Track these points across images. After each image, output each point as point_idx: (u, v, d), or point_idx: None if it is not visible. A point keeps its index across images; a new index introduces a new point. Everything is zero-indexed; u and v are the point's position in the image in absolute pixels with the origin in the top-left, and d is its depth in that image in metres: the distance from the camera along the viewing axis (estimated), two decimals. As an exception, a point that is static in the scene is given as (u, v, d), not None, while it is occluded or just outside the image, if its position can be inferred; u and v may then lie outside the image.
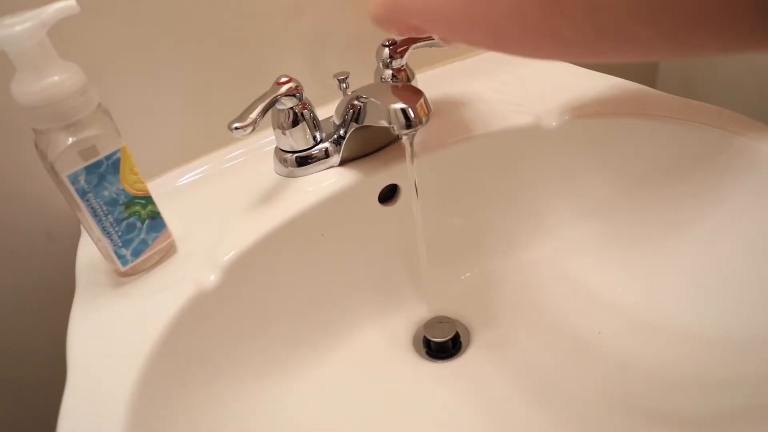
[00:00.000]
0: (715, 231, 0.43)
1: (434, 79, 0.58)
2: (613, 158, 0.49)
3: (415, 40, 0.48)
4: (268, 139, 0.52)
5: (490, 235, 0.53)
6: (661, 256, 0.46)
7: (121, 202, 0.38)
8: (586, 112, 0.49)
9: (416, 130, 0.40)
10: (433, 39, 0.47)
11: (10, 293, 0.51)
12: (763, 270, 0.40)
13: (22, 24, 0.31)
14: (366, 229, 0.48)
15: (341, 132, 0.46)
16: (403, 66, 0.49)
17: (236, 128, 0.39)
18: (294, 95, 0.44)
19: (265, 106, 0.42)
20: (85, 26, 0.43)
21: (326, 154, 0.47)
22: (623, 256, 0.48)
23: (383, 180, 0.47)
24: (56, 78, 0.33)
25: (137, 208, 0.39)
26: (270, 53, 0.51)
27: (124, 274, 0.40)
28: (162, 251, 0.41)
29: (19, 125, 0.43)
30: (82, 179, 0.35)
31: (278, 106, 0.44)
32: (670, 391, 0.40)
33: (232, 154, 0.52)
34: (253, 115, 0.40)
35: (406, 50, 0.48)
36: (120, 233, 0.38)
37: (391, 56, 0.48)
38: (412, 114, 0.39)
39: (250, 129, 0.39)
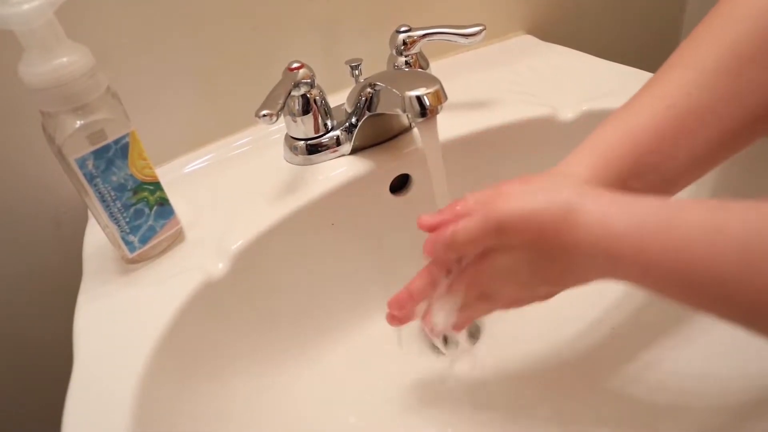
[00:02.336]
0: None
1: (448, 68, 0.57)
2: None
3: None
4: (276, 127, 0.51)
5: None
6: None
7: (129, 187, 0.37)
8: (602, 103, 0.48)
9: (431, 119, 0.39)
10: (449, 33, 0.46)
11: (17, 279, 0.50)
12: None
13: (30, 2, 0.30)
14: (376, 220, 0.47)
15: (353, 120, 0.45)
16: (417, 54, 0.48)
17: (264, 115, 0.37)
18: (306, 81, 0.43)
19: (288, 93, 0.41)
20: (94, 8, 0.42)
21: (337, 143, 0.46)
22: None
23: (395, 169, 0.47)
24: (65, 59, 0.32)
25: (145, 194, 0.38)
26: (281, 38, 0.51)
27: (132, 261, 0.40)
28: (170, 238, 0.41)
29: (26, 109, 0.43)
30: (90, 163, 0.35)
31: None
32: (682, 389, 0.39)
33: (240, 142, 0.52)
34: (281, 102, 0.39)
35: (420, 38, 0.47)
36: (128, 219, 0.38)
37: (405, 43, 0.47)
38: (427, 102, 0.38)
39: (276, 117, 0.38)
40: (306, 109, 0.44)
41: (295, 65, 0.43)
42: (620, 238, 0.26)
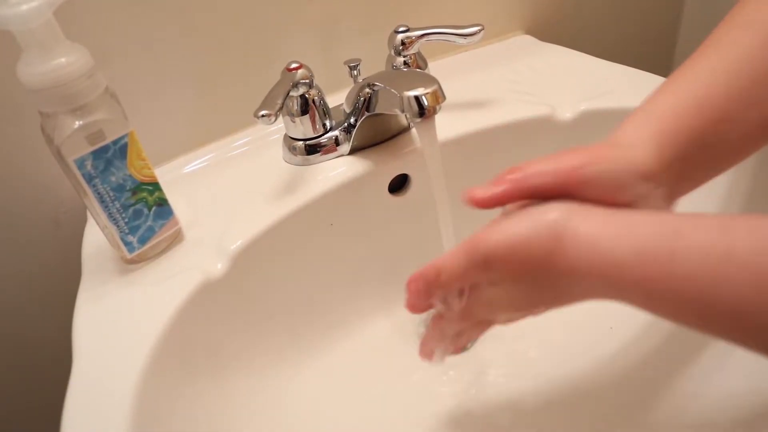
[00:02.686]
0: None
1: (447, 68, 0.57)
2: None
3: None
4: (275, 127, 0.51)
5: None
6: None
7: (128, 188, 0.37)
8: (601, 102, 0.48)
9: (429, 119, 0.39)
10: (448, 33, 0.46)
11: (17, 280, 0.50)
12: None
13: (29, 3, 0.30)
14: (375, 220, 0.47)
15: (352, 120, 0.45)
16: (415, 54, 0.48)
17: (263, 116, 0.37)
18: (305, 82, 0.43)
19: (287, 93, 0.41)
20: (92, 8, 0.42)
21: (336, 143, 0.46)
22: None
23: (394, 170, 0.47)
24: (63, 60, 0.32)
25: (144, 194, 0.38)
26: (280, 39, 0.51)
27: (131, 261, 0.40)
28: (169, 239, 0.41)
29: (25, 109, 0.43)
30: (89, 164, 0.35)
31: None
32: (680, 387, 0.39)
33: (239, 142, 0.52)
34: (279, 102, 0.39)
35: (419, 38, 0.47)
36: (127, 220, 0.38)
37: (403, 43, 0.47)
38: (425, 102, 0.38)
39: (274, 117, 0.38)
40: (305, 109, 0.44)
41: (294, 65, 0.43)
42: (618, 265, 0.24)
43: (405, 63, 0.48)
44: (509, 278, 0.27)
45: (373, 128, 0.46)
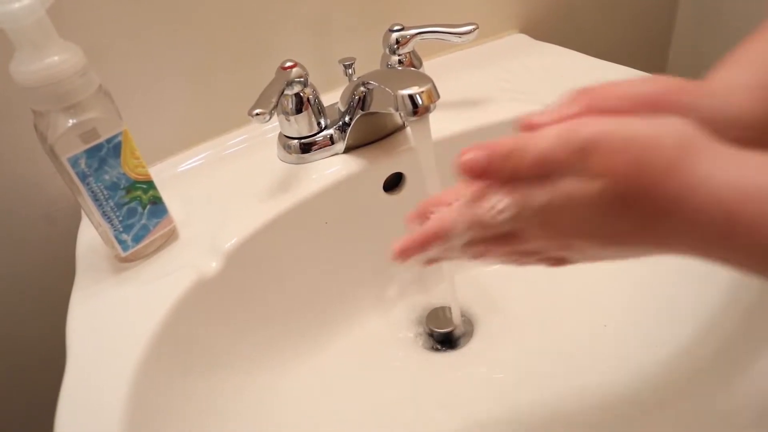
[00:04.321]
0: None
1: (441, 67, 0.57)
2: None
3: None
4: (270, 125, 0.51)
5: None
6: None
7: (122, 186, 0.37)
8: (595, 102, 0.48)
9: (423, 117, 0.39)
10: (442, 32, 0.46)
11: (10, 278, 0.50)
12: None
13: (21, 1, 0.30)
14: (370, 218, 0.48)
15: (346, 118, 0.45)
16: (410, 52, 0.49)
17: (257, 114, 0.38)
18: (299, 80, 0.43)
19: (281, 92, 0.41)
20: (86, 7, 0.42)
21: (331, 141, 0.46)
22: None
23: (388, 168, 0.47)
24: (56, 58, 0.32)
25: (138, 192, 0.38)
26: (274, 37, 0.51)
27: (125, 260, 0.40)
28: (163, 237, 0.41)
29: (17, 107, 0.43)
30: (82, 162, 0.35)
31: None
32: (675, 385, 0.40)
33: (234, 141, 0.52)
34: (274, 101, 0.39)
35: (413, 37, 0.47)
36: (121, 218, 0.38)
37: (398, 42, 0.47)
38: (419, 100, 0.38)
39: (269, 116, 0.38)
40: (299, 107, 0.45)
41: (289, 64, 0.43)
42: (761, 205, 0.19)
43: (399, 62, 0.48)
44: (603, 183, 0.21)
45: (367, 127, 0.46)
